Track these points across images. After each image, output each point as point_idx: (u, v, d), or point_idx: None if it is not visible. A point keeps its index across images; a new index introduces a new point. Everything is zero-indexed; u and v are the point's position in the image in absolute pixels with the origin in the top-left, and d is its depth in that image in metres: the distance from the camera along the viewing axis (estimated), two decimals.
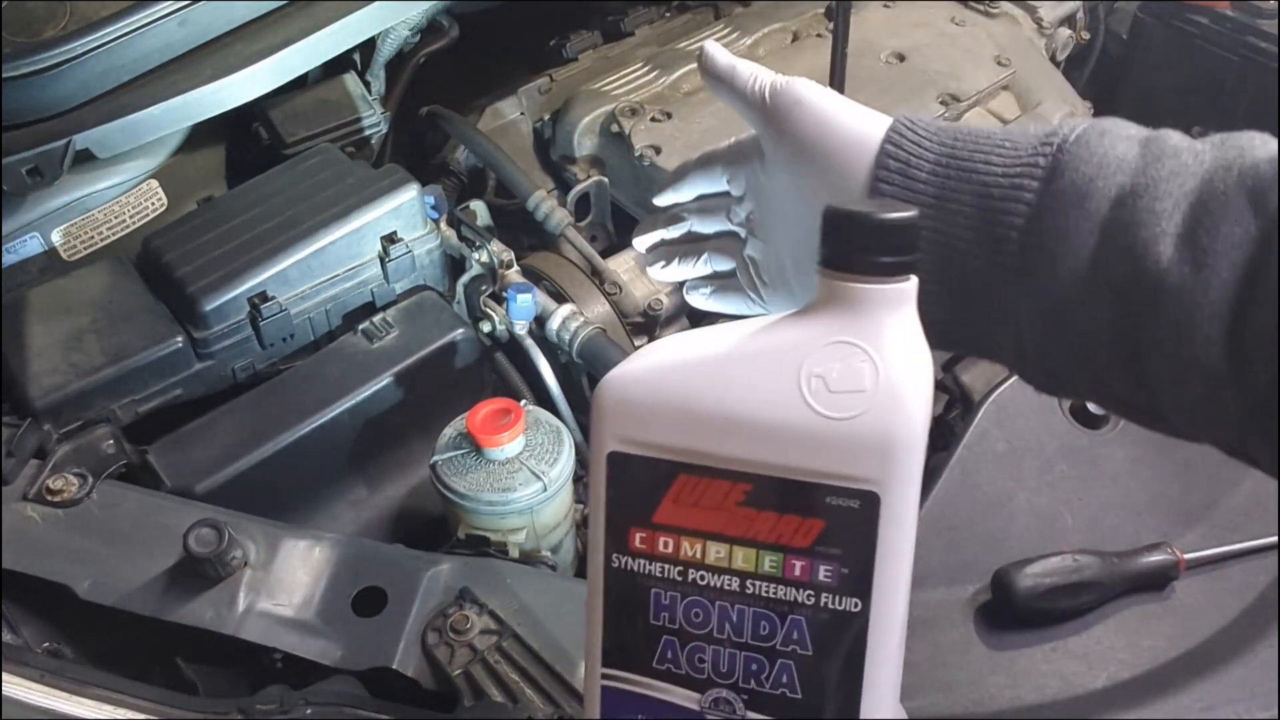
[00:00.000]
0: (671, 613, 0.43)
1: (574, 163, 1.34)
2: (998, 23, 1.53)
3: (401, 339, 1.06)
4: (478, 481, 0.91)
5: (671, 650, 0.44)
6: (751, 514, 0.41)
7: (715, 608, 0.43)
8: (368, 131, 1.32)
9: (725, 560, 0.42)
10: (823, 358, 0.40)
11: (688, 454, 0.42)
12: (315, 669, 0.77)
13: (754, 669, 0.42)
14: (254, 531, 0.84)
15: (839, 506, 0.40)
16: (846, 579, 0.41)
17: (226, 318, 1.03)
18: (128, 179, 1.20)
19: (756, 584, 0.42)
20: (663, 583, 0.43)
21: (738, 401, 0.41)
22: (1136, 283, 0.41)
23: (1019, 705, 0.78)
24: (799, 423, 0.40)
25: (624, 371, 0.43)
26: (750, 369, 0.41)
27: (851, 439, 0.39)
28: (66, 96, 1.10)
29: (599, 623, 0.45)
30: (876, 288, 0.40)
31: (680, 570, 0.43)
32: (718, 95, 0.62)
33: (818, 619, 0.41)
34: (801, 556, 0.41)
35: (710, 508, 0.42)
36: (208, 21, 1.16)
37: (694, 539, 0.42)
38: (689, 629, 0.43)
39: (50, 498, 0.85)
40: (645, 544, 0.43)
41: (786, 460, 0.40)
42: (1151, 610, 0.83)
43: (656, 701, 0.44)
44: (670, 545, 0.42)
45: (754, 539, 0.41)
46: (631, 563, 0.43)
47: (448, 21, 1.44)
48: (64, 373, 0.97)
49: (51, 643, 0.82)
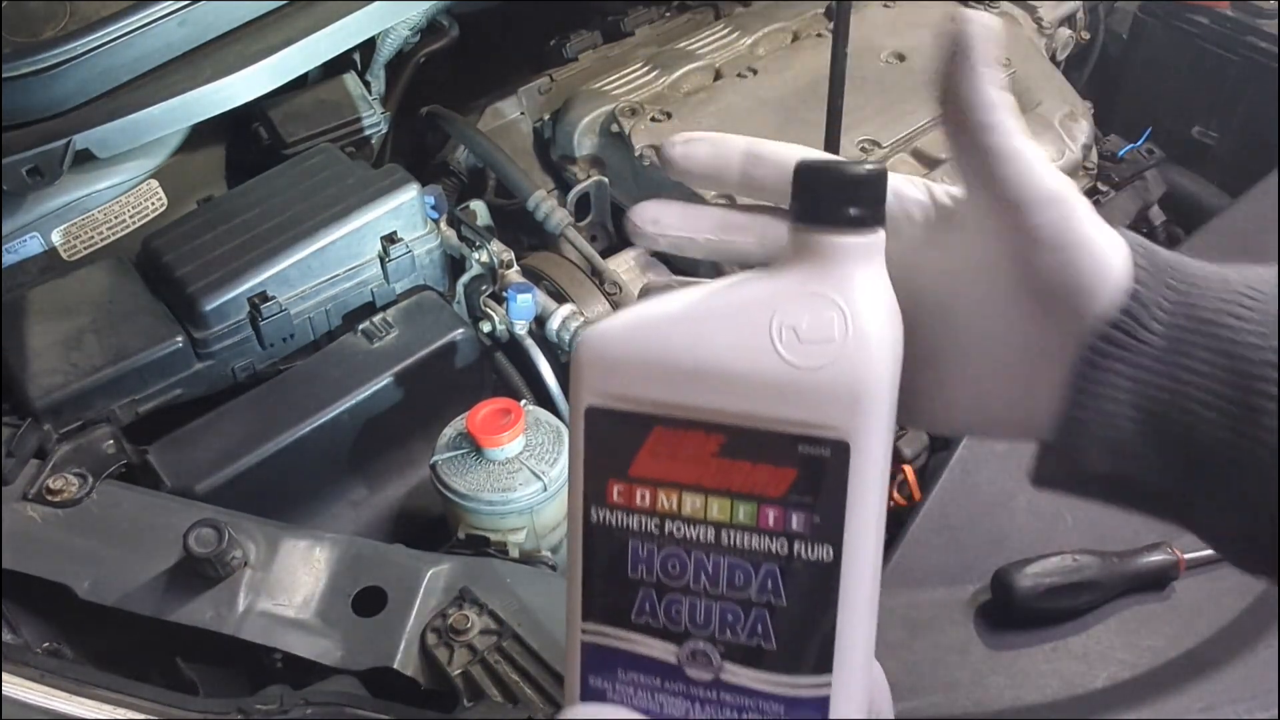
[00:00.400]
0: (649, 565, 0.43)
1: (574, 163, 1.34)
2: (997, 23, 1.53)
3: (401, 339, 1.06)
4: (478, 481, 0.91)
5: (649, 603, 0.44)
6: (726, 464, 0.42)
7: (692, 559, 0.43)
8: (368, 131, 1.32)
9: (701, 511, 0.42)
10: (794, 309, 0.40)
11: (663, 406, 0.42)
12: (315, 669, 0.77)
13: (730, 620, 0.43)
14: (254, 531, 0.84)
15: (811, 455, 0.41)
16: (819, 527, 0.41)
17: (226, 318, 1.04)
18: (128, 179, 1.20)
19: (732, 534, 0.42)
20: (640, 535, 0.43)
21: (711, 353, 0.41)
22: None
23: (1019, 705, 0.78)
24: (771, 372, 0.40)
25: (601, 328, 0.43)
26: (723, 321, 0.41)
27: (822, 388, 0.40)
28: (66, 96, 1.10)
29: (578, 578, 0.45)
30: (847, 240, 0.41)
31: (657, 522, 0.43)
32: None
33: (791, 568, 0.42)
34: (775, 506, 0.41)
35: (686, 459, 0.42)
36: (208, 21, 1.16)
37: (670, 490, 0.43)
38: (666, 581, 0.43)
39: (50, 498, 0.85)
40: (623, 497, 0.43)
41: (759, 410, 0.41)
42: (1151, 610, 0.83)
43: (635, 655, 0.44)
44: (647, 497, 0.43)
45: (729, 489, 0.42)
46: (610, 516, 0.44)
47: (448, 21, 1.44)
48: (64, 373, 0.97)
49: (51, 643, 0.82)
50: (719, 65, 1.41)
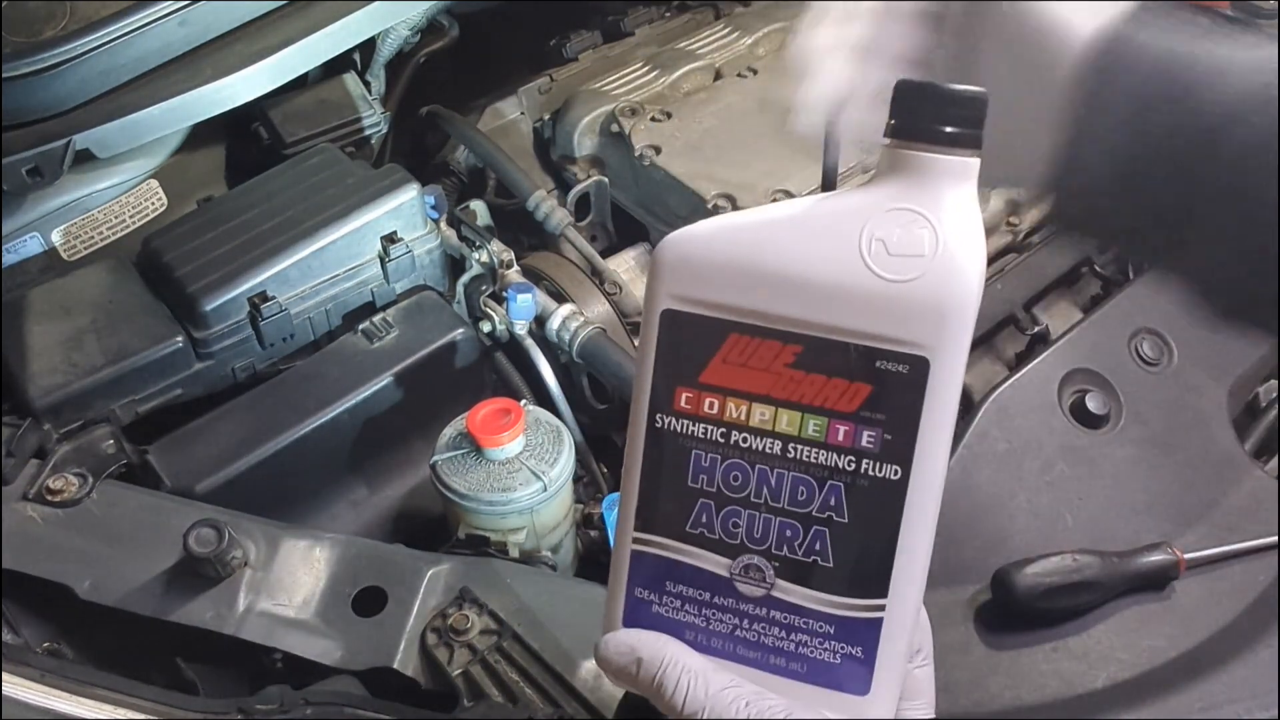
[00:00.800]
0: (710, 475, 0.43)
1: (574, 163, 1.34)
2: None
3: (401, 339, 1.06)
4: (478, 481, 0.91)
5: (706, 514, 0.44)
6: (799, 376, 0.41)
7: (755, 471, 0.43)
8: (368, 131, 1.32)
9: (769, 423, 0.42)
10: (884, 222, 0.40)
11: (741, 312, 0.42)
12: (315, 669, 0.77)
13: (788, 535, 0.43)
14: (254, 531, 0.84)
15: (888, 371, 0.40)
16: (889, 445, 0.41)
17: (227, 318, 1.04)
18: (128, 179, 1.20)
19: (798, 448, 0.42)
20: (704, 444, 0.43)
21: (797, 261, 0.41)
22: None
23: (1019, 705, 0.78)
24: (857, 283, 0.40)
25: (685, 231, 0.43)
26: (811, 231, 0.41)
27: (907, 302, 0.40)
28: (66, 96, 1.10)
29: (635, 485, 0.45)
30: (942, 158, 0.41)
31: (723, 432, 0.43)
32: None
33: (857, 485, 0.41)
34: (846, 421, 0.41)
35: (759, 369, 0.42)
36: (208, 21, 1.16)
37: (740, 400, 0.42)
38: (726, 492, 0.43)
39: (50, 498, 0.85)
40: (690, 404, 0.43)
41: (840, 321, 0.41)
42: (1151, 610, 0.83)
43: (686, 567, 0.44)
44: (715, 406, 0.43)
45: (800, 402, 0.42)
46: (675, 423, 0.43)
47: (448, 21, 1.44)
48: (64, 373, 0.97)
49: (51, 643, 0.82)
50: (719, 65, 1.41)
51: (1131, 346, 1.02)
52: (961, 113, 0.41)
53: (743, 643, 0.44)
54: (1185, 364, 1.01)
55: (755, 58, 1.43)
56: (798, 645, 0.43)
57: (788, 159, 1.23)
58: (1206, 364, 1.03)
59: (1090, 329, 1.04)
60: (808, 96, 0.49)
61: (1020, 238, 1.24)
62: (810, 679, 0.43)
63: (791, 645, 0.43)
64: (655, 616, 0.45)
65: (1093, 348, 1.00)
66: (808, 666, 0.43)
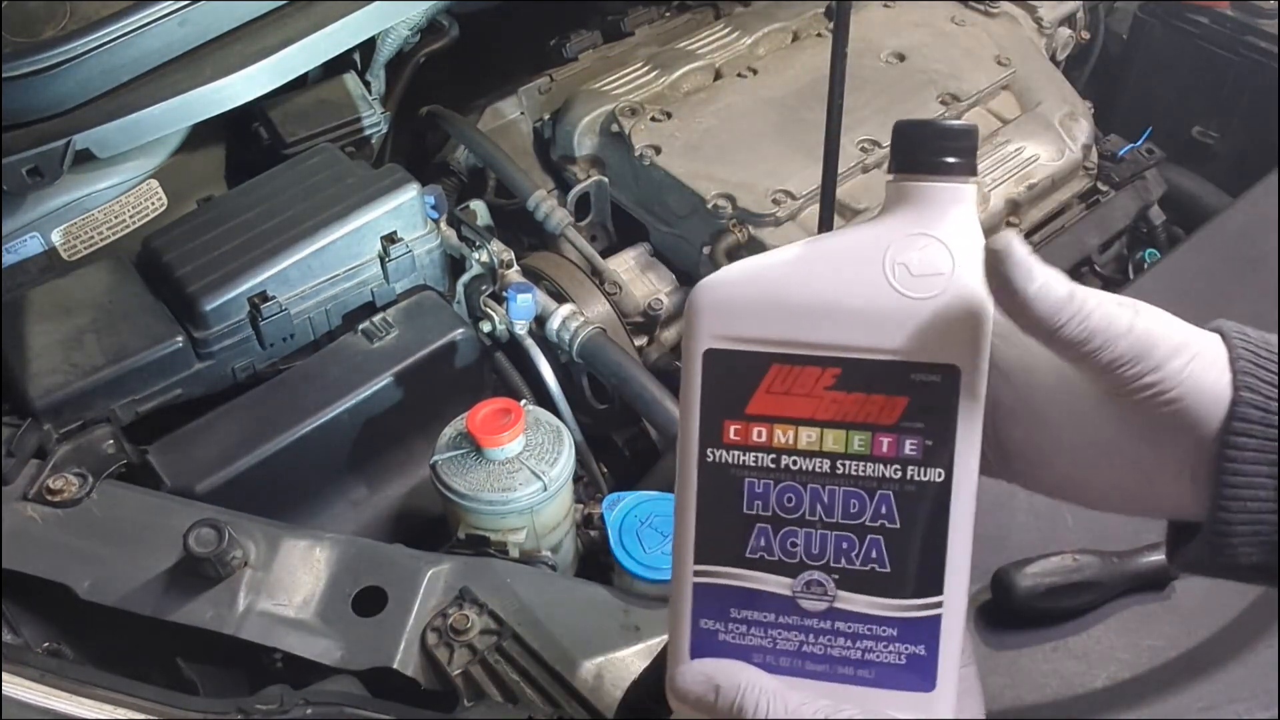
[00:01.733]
0: (764, 500, 0.46)
1: (574, 163, 1.34)
2: (998, 22, 1.53)
3: (401, 339, 1.06)
4: (478, 481, 0.91)
5: (764, 538, 0.46)
6: (841, 397, 0.44)
7: (807, 491, 0.45)
8: (368, 131, 1.32)
9: (817, 444, 0.45)
10: (903, 247, 0.44)
11: (781, 344, 0.45)
12: (315, 669, 0.77)
13: (844, 547, 0.45)
14: (254, 531, 0.84)
15: (922, 382, 0.44)
16: (930, 450, 0.44)
17: (227, 318, 1.04)
18: (128, 179, 1.20)
19: (846, 464, 0.45)
20: (756, 471, 0.46)
21: (829, 290, 0.44)
22: None
23: (1019, 705, 0.78)
24: (886, 305, 0.44)
25: (719, 275, 0.47)
26: (838, 263, 0.45)
27: (934, 316, 0.43)
28: (66, 96, 1.10)
29: (690, 521, 0.47)
30: (947, 186, 0.44)
31: (774, 458, 0.45)
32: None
33: (905, 491, 0.44)
34: (888, 433, 0.44)
35: (801, 394, 0.45)
36: (208, 21, 1.16)
37: (786, 426, 0.45)
38: (782, 514, 0.46)
39: (50, 498, 0.85)
40: (739, 435, 0.46)
41: (875, 341, 0.44)
42: (1151, 610, 0.83)
43: (749, 592, 0.46)
44: (763, 434, 0.45)
45: (843, 420, 0.45)
46: (726, 455, 0.46)
47: (448, 21, 1.44)
48: (64, 373, 0.97)
49: (51, 643, 0.82)
50: (719, 65, 1.41)
51: None
52: (957, 145, 0.44)
53: (810, 658, 0.46)
54: None
55: (755, 58, 1.43)
56: (863, 652, 0.46)
57: (788, 159, 1.23)
58: None
59: None
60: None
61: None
62: (878, 683, 0.45)
63: (857, 653, 0.46)
64: (722, 644, 0.47)
65: None
66: (875, 671, 0.45)
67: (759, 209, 1.18)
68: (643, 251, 1.29)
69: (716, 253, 1.18)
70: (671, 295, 1.24)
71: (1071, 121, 1.35)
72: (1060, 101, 1.38)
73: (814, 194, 1.16)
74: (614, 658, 0.76)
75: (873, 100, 1.32)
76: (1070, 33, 1.65)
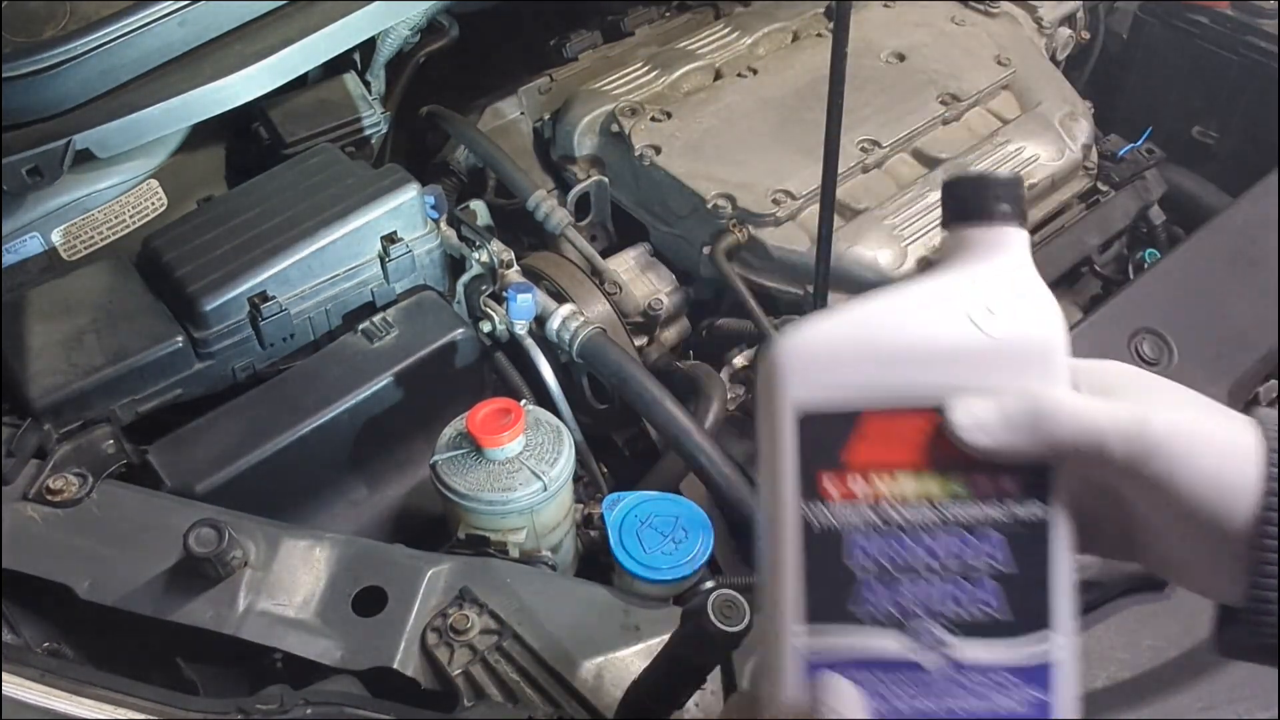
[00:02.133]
0: (867, 552, 0.44)
1: (574, 163, 1.34)
2: (998, 22, 1.53)
3: (401, 339, 1.06)
4: (478, 481, 0.91)
5: (870, 591, 0.45)
6: (936, 440, 0.44)
7: (911, 539, 0.44)
8: (368, 131, 1.32)
9: (917, 490, 0.44)
10: (977, 289, 0.45)
11: (874, 393, 0.44)
12: (315, 669, 0.77)
13: (955, 592, 0.44)
14: (254, 531, 0.84)
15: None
16: (1027, 483, 0.44)
17: (227, 317, 1.03)
18: (128, 179, 1.20)
19: (948, 507, 0.44)
20: (856, 525, 0.45)
21: (916, 336, 0.45)
22: None
23: None
24: (975, 345, 0.44)
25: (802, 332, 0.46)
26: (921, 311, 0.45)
27: (1017, 350, 0.44)
28: (66, 96, 1.10)
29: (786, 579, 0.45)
30: (1004, 229, 0.46)
31: (873, 508, 0.44)
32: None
33: (1010, 529, 0.44)
34: (984, 472, 0.44)
35: (897, 442, 0.44)
36: (208, 21, 1.16)
37: (883, 474, 0.44)
38: (886, 566, 0.44)
39: (50, 498, 0.85)
40: (836, 488, 0.45)
41: (966, 381, 0.44)
42: (1151, 610, 0.83)
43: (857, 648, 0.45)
44: (861, 484, 0.44)
45: (940, 464, 0.44)
46: (823, 510, 0.45)
47: (448, 21, 1.44)
48: (64, 373, 0.97)
49: (51, 643, 0.82)
50: (719, 65, 1.41)
51: (1132, 346, 1.02)
52: (1009, 193, 0.46)
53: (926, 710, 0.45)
54: (1185, 364, 1.01)
55: (755, 58, 1.43)
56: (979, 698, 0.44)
57: (788, 159, 1.23)
58: (1206, 364, 1.03)
59: (1090, 329, 1.04)
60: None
61: None
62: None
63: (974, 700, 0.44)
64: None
65: (1093, 347, 1.00)
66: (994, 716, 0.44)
67: (759, 209, 1.18)
68: (643, 251, 1.29)
69: (716, 252, 1.18)
70: (671, 295, 1.24)
71: (1071, 121, 1.35)
72: (1060, 101, 1.38)
73: (814, 194, 1.16)
74: (614, 658, 0.76)
75: (873, 100, 1.32)
76: (1070, 33, 1.65)
